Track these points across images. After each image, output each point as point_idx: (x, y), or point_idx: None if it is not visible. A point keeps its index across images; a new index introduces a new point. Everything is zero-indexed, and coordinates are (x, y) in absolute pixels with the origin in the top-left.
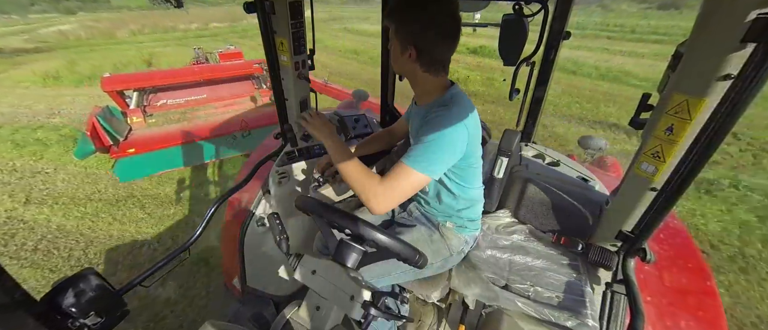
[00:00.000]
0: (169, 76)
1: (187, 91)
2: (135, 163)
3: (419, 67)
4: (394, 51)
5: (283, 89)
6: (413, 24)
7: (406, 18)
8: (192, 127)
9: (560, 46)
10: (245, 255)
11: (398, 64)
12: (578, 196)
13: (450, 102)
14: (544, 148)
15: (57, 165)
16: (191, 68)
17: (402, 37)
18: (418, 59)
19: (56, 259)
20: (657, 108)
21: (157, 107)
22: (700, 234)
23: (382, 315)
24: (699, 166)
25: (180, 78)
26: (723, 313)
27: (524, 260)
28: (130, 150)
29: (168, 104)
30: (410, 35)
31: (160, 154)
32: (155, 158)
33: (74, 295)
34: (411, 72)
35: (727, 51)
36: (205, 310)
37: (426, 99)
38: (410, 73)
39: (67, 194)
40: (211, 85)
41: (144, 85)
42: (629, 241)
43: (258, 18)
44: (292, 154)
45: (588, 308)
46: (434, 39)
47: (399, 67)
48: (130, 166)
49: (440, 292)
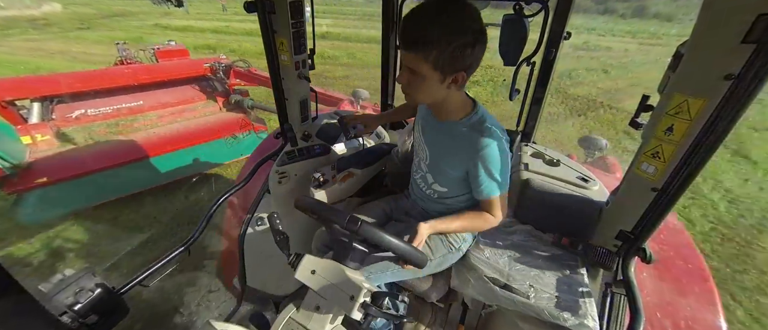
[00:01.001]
0: (84, 79)
1: (115, 98)
2: (49, 196)
3: (456, 90)
4: (429, 84)
5: (283, 89)
6: (472, 47)
7: (461, 44)
8: (130, 142)
9: (560, 46)
10: (245, 255)
11: (431, 94)
12: (578, 197)
13: (488, 129)
14: (544, 148)
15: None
16: (117, 69)
17: (448, 66)
18: (463, 81)
19: None
20: (657, 108)
21: (71, 120)
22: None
23: (382, 315)
24: (699, 166)
25: (100, 82)
26: (723, 313)
27: (524, 260)
28: (41, 180)
29: (88, 115)
30: (464, 60)
31: (88, 181)
32: (81, 186)
33: (74, 295)
34: (445, 97)
35: (727, 51)
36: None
37: (451, 116)
38: (444, 99)
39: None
40: (149, 90)
41: (46, 92)
42: (629, 241)
43: (258, 18)
44: (292, 154)
45: (588, 308)
46: (479, 56)
47: (430, 98)
48: (43, 201)
49: (440, 291)
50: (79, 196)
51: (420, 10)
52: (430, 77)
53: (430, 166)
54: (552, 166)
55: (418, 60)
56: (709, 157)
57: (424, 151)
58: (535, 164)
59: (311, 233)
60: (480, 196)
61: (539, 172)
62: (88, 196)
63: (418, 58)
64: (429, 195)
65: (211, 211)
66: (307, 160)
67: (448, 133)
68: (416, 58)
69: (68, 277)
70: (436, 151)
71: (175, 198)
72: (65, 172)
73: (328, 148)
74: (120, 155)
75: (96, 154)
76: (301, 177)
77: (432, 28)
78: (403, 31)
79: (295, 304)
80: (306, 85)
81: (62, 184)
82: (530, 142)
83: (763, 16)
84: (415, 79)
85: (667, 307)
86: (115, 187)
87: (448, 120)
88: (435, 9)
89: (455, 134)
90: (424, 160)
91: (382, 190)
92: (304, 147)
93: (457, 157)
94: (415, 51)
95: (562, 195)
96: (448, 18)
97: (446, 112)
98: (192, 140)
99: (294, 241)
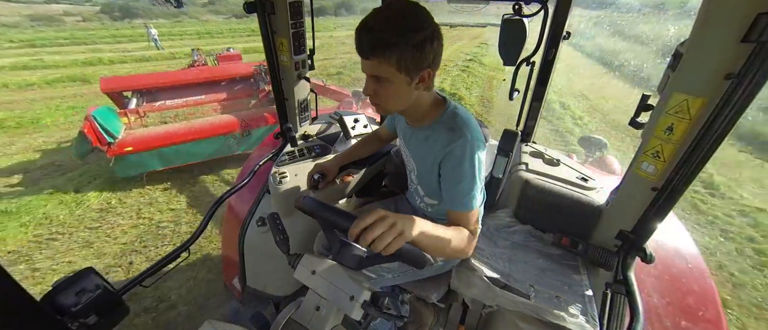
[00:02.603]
0: (166, 78)
1: (185, 92)
2: (132, 160)
3: (424, 91)
4: (398, 89)
5: (283, 89)
6: (431, 43)
7: (419, 41)
8: (188, 127)
9: (560, 46)
10: (245, 255)
11: (403, 99)
12: (578, 196)
13: (459, 126)
14: (544, 148)
15: None
16: (189, 70)
17: (413, 66)
18: (430, 79)
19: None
20: (657, 108)
21: (155, 108)
22: None
23: (382, 315)
24: (699, 165)
25: (175, 80)
26: (723, 313)
27: (524, 260)
28: (128, 149)
29: (166, 104)
30: (426, 57)
31: (157, 153)
32: (152, 156)
33: (74, 295)
34: (416, 100)
35: (727, 50)
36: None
37: (424, 121)
38: (414, 102)
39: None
40: (209, 87)
41: (141, 86)
42: (629, 241)
43: (258, 18)
44: (292, 154)
45: (588, 308)
46: (439, 51)
47: (403, 103)
48: (128, 164)
49: (440, 292)
50: (151, 162)
51: (372, 18)
52: (396, 81)
53: (419, 177)
54: (552, 166)
55: (381, 65)
56: (709, 156)
57: (410, 162)
58: (535, 164)
59: (311, 233)
60: (449, 205)
61: (539, 172)
62: (157, 163)
63: (380, 64)
64: (422, 209)
65: (211, 211)
66: (307, 160)
67: (423, 139)
68: (379, 64)
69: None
70: (420, 162)
71: (212, 171)
72: (143, 145)
73: (328, 148)
74: (182, 135)
75: (166, 134)
76: (301, 177)
77: (388, 30)
78: (360, 40)
79: (295, 304)
80: (306, 85)
81: (141, 153)
82: (530, 141)
83: (762, 16)
84: (382, 87)
85: (667, 306)
86: (176, 158)
87: (422, 125)
88: (386, 13)
89: (429, 137)
90: (413, 171)
91: (382, 190)
92: (304, 147)
93: (434, 159)
94: (376, 56)
95: (562, 195)
96: (402, 18)
97: (419, 116)
98: (235, 128)
99: (294, 241)
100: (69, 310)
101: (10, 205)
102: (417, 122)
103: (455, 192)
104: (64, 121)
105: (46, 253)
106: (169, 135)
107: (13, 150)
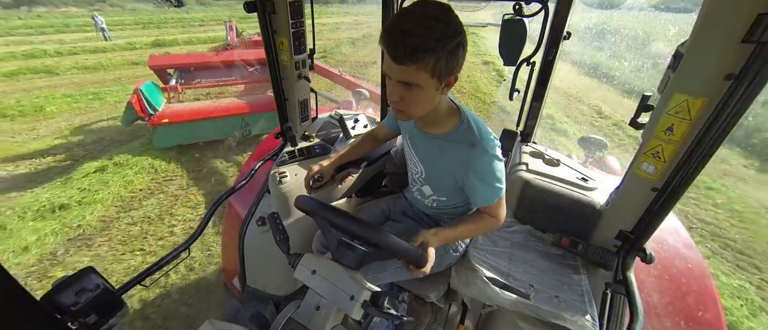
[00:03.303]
0: (203, 58)
1: (218, 72)
2: (168, 132)
3: (444, 96)
4: (427, 94)
5: (283, 89)
6: (463, 48)
7: (454, 46)
8: (218, 104)
9: (560, 46)
10: (245, 255)
11: (428, 104)
12: (578, 196)
13: (478, 140)
14: (544, 148)
15: None
16: (223, 53)
17: (442, 72)
18: (453, 83)
19: None
20: (657, 108)
21: (191, 85)
22: None
23: (382, 315)
24: (699, 166)
25: (210, 61)
26: (723, 313)
27: (524, 260)
28: (164, 120)
29: (201, 83)
30: (455, 63)
31: (190, 126)
32: (185, 129)
33: (74, 295)
34: (436, 105)
35: (727, 51)
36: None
37: (438, 128)
38: (435, 107)
39: None
40: (239, 69)
41: (182, 65)
42: (629, 241)
43: (258, 18)
44: (292, 153)
45: (588, 308)
46: (465, 55)
47: (426, 108)
48: (165, 135)
49: (439, 291)
50: (182, 134)
51: (407, 20)
52: (427, 87)
53: (427, 180)
54: (552, 166)
55: (417, 71)
56: (709, 156)
57: (416, 165)
58: (535, 164)
59: (311, 233)
60: (479, 203)
61: (539, 172)
62: (186, 136)
63: (417, 70)
64: (428, 204)
65: (211, 211)
66: (307, 160)
67: (438, 148)
68: (416, 70)
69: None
70: (430, 166)
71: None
72: (177, 118)
73: (328, 148)
74: (210, 112)
75: (197, 110)
76: (301, 177)
77: (427, 35)
78: (394, 44)
79: (295, 304)
80: (306, 85)
81: (175, 124)
82: (530, 142)
83: (762, 16)
84: (411, 93)
85: (667, 306)
86: (204, 133)
87: (436, 133)
88: (421, 16)
89: (446, 148)
90: (419, 174)
91: (382, 190)
92: (304, 147)
93: (451, 171)
94: (414, 62)
95: (562, 195)
96: (438, 22)
97: (434, 122)
98: (259, 109)
99: (294, 241)
100: (69, 310)
101: (119, 158)
102: (429, 127)
103: (485, 193)
104: (67, 108)
105: (171, 188)
106: (197, 111)
107: (43, 133)
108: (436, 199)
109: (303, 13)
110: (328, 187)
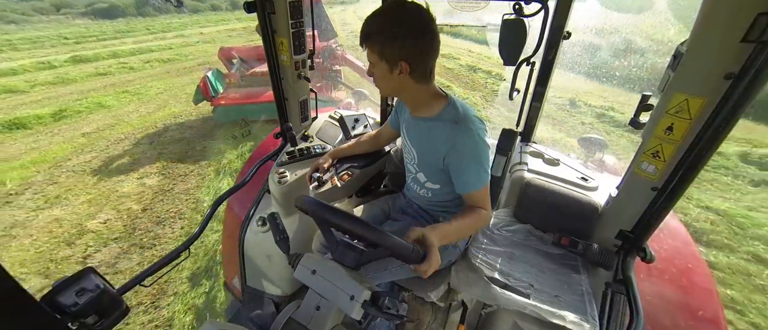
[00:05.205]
0: (259, 49)
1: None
2: (226, 110)
3: (412, 81)
4: (382, 73)
5: (283, 89)
6: (404, 39)
7: (393, 35)
8: (262, 91)
9: (560, 45)
10: (245, 255)
11: (387, 83)
12: (578, 196)
13: (461, 118)
14: (544, 148)
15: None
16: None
17: (390, 56)
18: (411, 73)
19: None
20: (657, 108)
21: (248, 73)
22: None
23: (382, 315)
24: (699, 165)
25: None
26: (723, 313)
27: (524, 260)
28: (222, 102)
29: (255, 71)
30: (401, 50)
31: (243, 107)
32: (239, 109)
33: (74, 295)
34: (403, 87)
35: (727, 50)
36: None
37: (426, 112)
38: (403, 89)
39: None
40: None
41: (243, 55)
42: (629, 240)
43: (258, 18)
44: (292, 153)
45: (588, 308)
46: (424, 48)
47: (389, 87)
48: (223, 113)
49: (439, 291)
50: (235, 114)
51: (373, 12)
52: (379, 67)
53: (420, 165)
54: (552, 166)
55: (371, 53)
56: (709, 156)
57: (411, 151)
58: (535, 164)
59: (311, 233)
60: (463, 189)
61: (539, 172)
62: (237, 115)
63: (370, 52)
64: (423, 195)
65: (211, 211)
66: (307, 160)
67: (427, 129)
68: (370, 52)
69: (68, 277)
70: (421, 150)
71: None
72: (231, 101)
73: (328, 148)
74: (255, 98)
75: (250, 94)
76: (301, 177)
77: (374, 22)
78: (361, 30)
79: (295, 304)
80: (306, 85)
81: (231, 106)
82: (530, 141)
83: (762, 16)
84: (374, 70)
85: (667, 306)
86: (251, 113)
87: (424, 116)
88: (380, 10)
89: (433, 127)
90: (413, 160)
91: (382, 190)
92: (304, 147)
93: (438, 149)
94: (366, 43)
95: (562, 195)
96: (389, 12)
97: (418, 106)
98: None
99: (294, 241)
100: (69, 310)
101: (235, 130)
102: (418, 111)
103: (466, 176)
104: (127, 101)
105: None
106: (246, 96)
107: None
108: (430, 188)
109: (303, 13)
110: (329, 187)
